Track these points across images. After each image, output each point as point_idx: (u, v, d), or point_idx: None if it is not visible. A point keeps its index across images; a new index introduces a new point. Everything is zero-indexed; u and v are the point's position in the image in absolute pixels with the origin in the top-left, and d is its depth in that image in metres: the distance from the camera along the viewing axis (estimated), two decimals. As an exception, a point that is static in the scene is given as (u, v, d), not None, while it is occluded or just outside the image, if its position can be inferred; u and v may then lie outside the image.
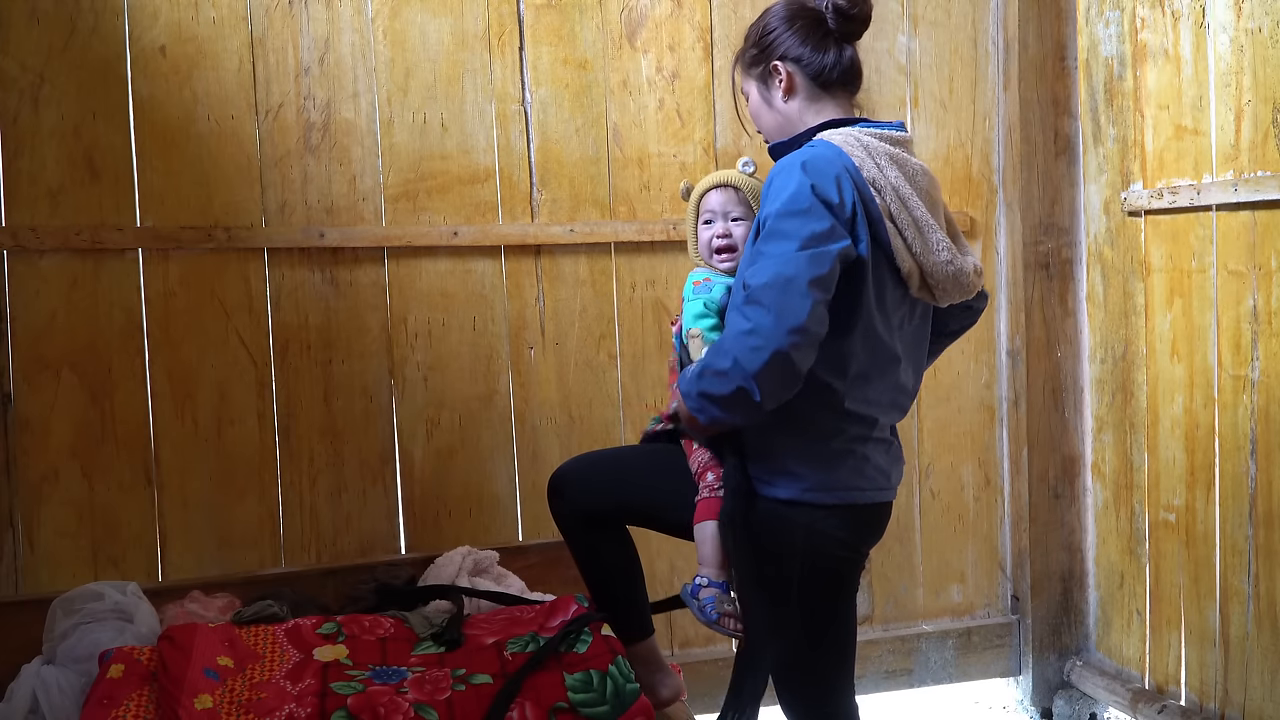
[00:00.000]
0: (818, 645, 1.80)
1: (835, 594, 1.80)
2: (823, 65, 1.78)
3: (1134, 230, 2.79)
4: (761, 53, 1.81)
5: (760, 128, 1.89)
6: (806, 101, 1.80)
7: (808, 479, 1.72)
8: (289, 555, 2.66)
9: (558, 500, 2.01)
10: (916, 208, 1.68)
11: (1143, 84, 2.73)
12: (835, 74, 1.79)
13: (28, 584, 2.49)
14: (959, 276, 1.71)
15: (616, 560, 2.02)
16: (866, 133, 1.71)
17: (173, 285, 2.58)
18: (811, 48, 1.78)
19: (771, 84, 1.81)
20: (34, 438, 2.50)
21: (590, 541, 2.02)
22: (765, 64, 1.81)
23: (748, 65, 1.85)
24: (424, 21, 2.71)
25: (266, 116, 2.62)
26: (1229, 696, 2.50)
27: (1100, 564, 2.99)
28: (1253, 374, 2.41)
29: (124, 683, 1.81)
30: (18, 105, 2.47)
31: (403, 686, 1.85)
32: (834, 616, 1.81)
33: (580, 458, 2.08)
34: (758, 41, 1.82)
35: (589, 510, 1.99)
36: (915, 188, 1.70)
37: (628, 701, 1.83)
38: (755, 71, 1.83)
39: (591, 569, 2.05)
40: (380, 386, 2.72)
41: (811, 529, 1.72)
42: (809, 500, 1.72)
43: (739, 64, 1.88)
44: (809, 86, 1.79)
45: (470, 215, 2.75)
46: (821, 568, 1.75)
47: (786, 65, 1.78)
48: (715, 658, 2.92)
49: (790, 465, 1.72)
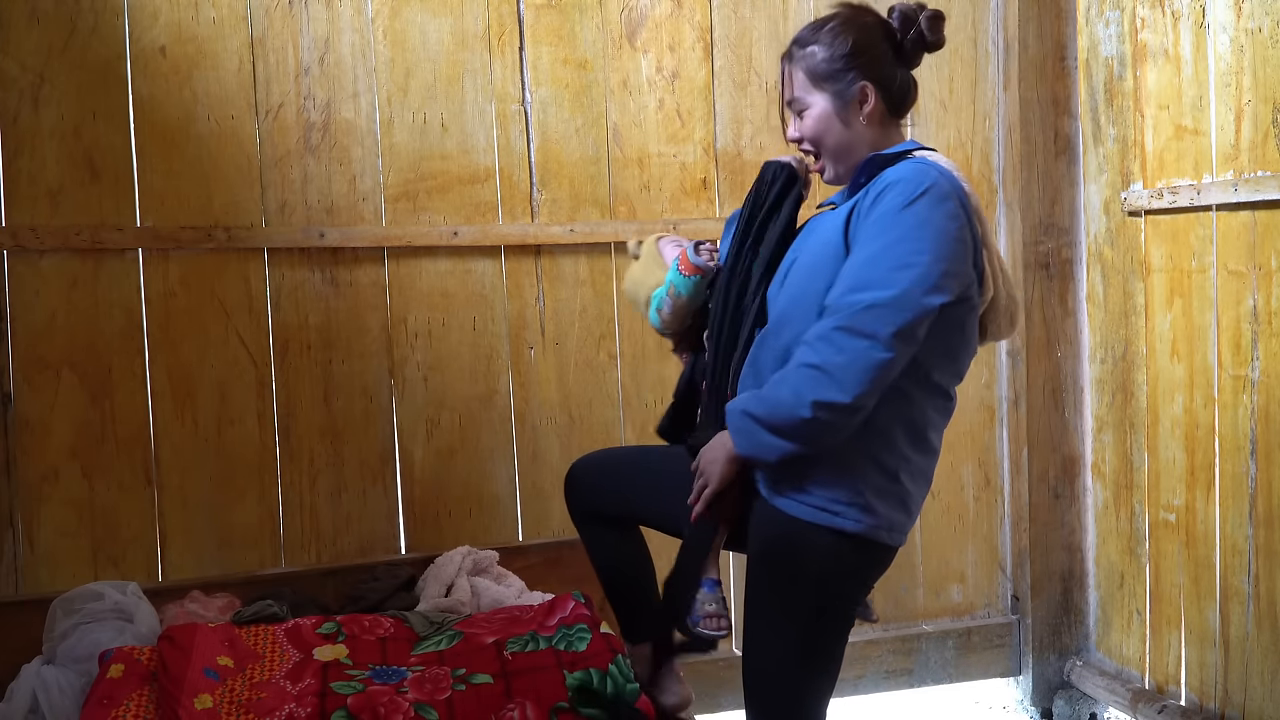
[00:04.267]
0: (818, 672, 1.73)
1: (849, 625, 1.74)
2: (903, 92, 1.73)
3: (1134, 230, 2.79)
4: (850, 70, 1.68)
5: (821, 142, 1.73)
6: (882, 127, 1.72)
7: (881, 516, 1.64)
8: (289, 555, 2.66)
9: (571, 495, 2.01)
10: (995, 242, 1.66)
11: (1143, 84, 2.73)
12: (908, 101, 1.74)
13: (28, 584, 2.49)
14: (1016, 315, 1.72)
15: (626, 559, 2.01)
16: (938, 159, 1.66)
17: (173, 285, 2.58)
18: (895, 72, 1.71)
19: (852, 104, 1.69)
20: (34, 438, 2.50)
21: (600, 538, 2.01)
22: (851, 83, 1.68)
23: (824, 77, 1.70)
24: (424, 21, 2.71)
25: (266, 116, 2.62)
26: (1229, 696, 2.50)
27: (1100, 564, 2.99)
28: (1253, 374, 2.41)
29: (124, 683, 1.81)
30: (18, 105, 2.47)
31: (403, 686, 1.85)
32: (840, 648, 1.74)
33: (596, 454, 2.07)
34: (846, 56, 1.68)
35: (599, 508, 1.98)
36: (981, 220, 1.65)
37: (628, 702, 1.83)
38: (833, 86, 1.70)
39: (601, 566, 2.04)
40: (380, 386, 2.72)
41: (862, 566, 1.67)
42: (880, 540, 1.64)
43: (804, 73, 1.72)
44: (886, 112, 1.72)
45: (470, 215, 2.75)
46: (853, 598, 1.71)
47: (876, 88, 1.69)
48: (715, 658, 2.92)
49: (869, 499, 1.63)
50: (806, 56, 1.71)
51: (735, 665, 2.89)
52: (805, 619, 1.67)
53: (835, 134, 1.71)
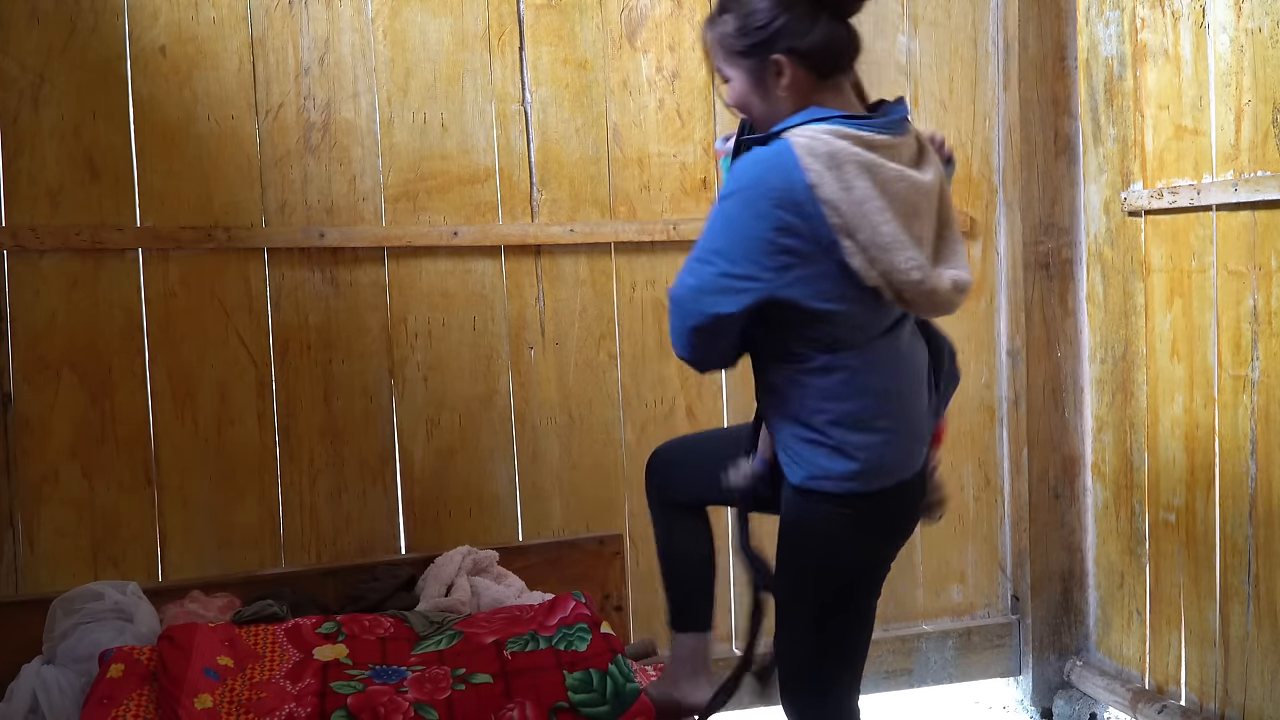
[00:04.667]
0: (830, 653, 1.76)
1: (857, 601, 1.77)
2: (827, 53, 1.61)
3: (1134, 230, 2.79)
4: (757, 45, 1.61)
5: (747, 112, 1.69)
6: (806, 93, 1.62)
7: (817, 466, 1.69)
8: (289, 555, 2.66)
9: (653, 478, 2.01)
10: (884, 223, 1.54)
11: (1143, 84, 2.73)
12: (841, 60, 1.63)
13: (28, 584, 2.49)
14: (932, 295, 1.59)
15: (696, 545, 1.97)
16: (843, 134, 1.55)
17: (173, 285, 2.58)
18: (814, 34, 1.59)
19: (768, 77, 1.62)
20: (34, 438, 2.50)
21: (669, 524, 1.98)
22: (764, 56, 1.61)
23: (736, 54, 1.64)
24: (424, 21, 2.71)
25: (266, 116, 2.62)
26: (1229, 696, 2.50)
27: (1100, 564, 2.99)
28: (1253, 374, 2.41)
29: (124, 683, 1.81)
30: (18, 105, 2.47)
31: (402, 686, 1.85)
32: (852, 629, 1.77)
33: (675, 441, 2.06)
34: (752, 30, 1.61)
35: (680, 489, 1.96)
36: (890, 198, 1.55)
37: (627, 701, 1.83)
38: (746, 61, 1.63)
39: (669, 550, 1.99)
40: (380, 386, 2.72)
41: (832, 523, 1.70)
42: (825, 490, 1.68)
43: (719, 46, 1.67)
44: (810, 78, 1.62)
45: (470, 215, 2.75)
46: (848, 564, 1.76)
47: (790, 59, 1.60)
48: (715, 658, 2.92)
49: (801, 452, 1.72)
50: (720, 28, 1.66)
51: (735, 665, 2.91)
52: (809, 593, 1.71)
53: (756, 106, 1.66)
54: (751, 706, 2.95)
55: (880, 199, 1.54)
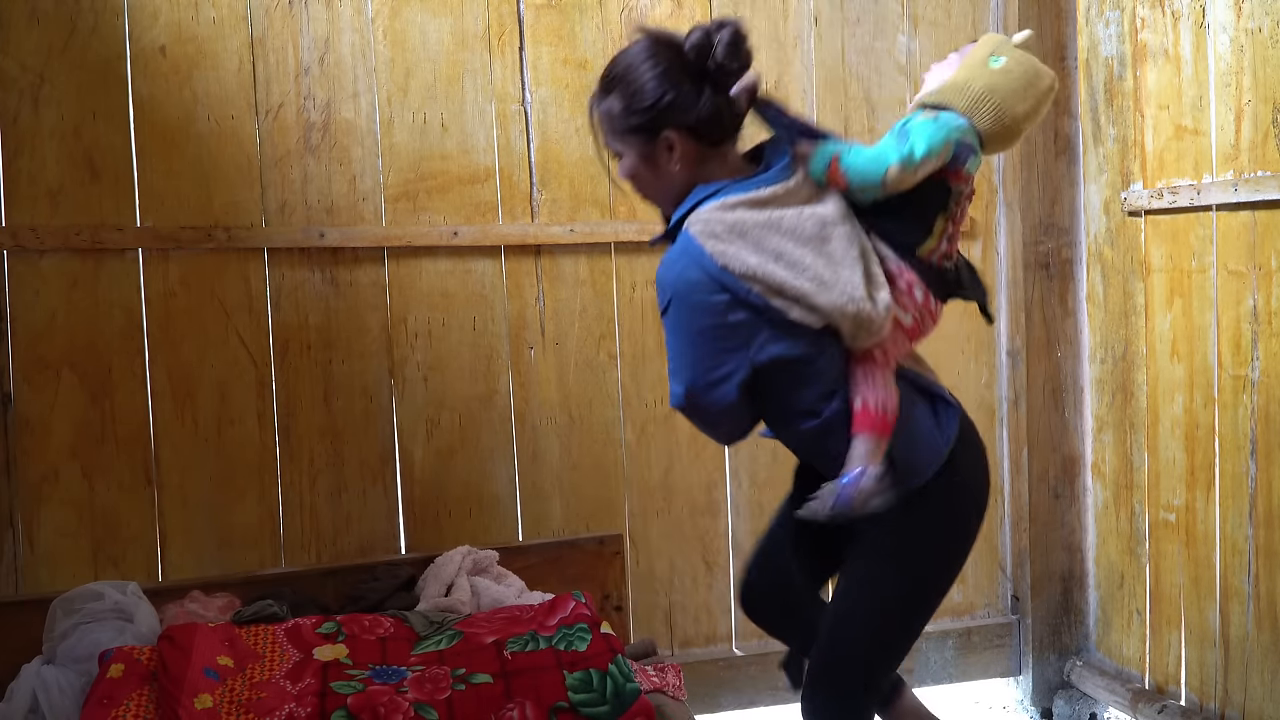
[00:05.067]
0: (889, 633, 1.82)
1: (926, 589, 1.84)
2: (714, 125, 1.63)
3: (1134, 230, 2.79)
4: (647, 123, 1.61)
5: (639, 188, 1.70)
6: (695, 163, 1.64)
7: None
8: (289, 555, 2.66)
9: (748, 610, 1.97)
10: (804, 270, 1.56)
11: (1143, 84, 2.73)
12: (728, 129, 1.66)
13: (28, 584, 2.49)
14: (869, 324, 1.60)
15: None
16: (735, 203, 1.58)
17: (173, 285, 2.58)
18: (700, 108, 1.60)
19: (659, 153, 1.63)
20: (34, 438, 2.50)
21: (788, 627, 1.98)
22: (651, 134, 1.61)
23: (625, 131, 1.63)
24: (424, 21, 2.71)
25: (266, 116, 2.62)
26: (1229, 696, 2.50)
27: (1100, 564, 2.99)
28: (1253, 374, 2.41)
29: (124, 683, 1.81)
30: (18, 105, 2.47)
31: (402, 686, 1.85)
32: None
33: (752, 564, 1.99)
34: (640, 110, 1.60)
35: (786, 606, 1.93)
36: (800, 240, 1.57)
37: (628, 701, 1.83)
38: (635, 139, 1.63)
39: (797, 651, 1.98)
40: (380, 386, 2.72)
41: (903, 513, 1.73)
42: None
43: (607, 123, 1.66)
44: (699, 149, 1.63)
45: (470, 215, 2.75)
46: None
47: (679, 134, 1.61)
48: (715, 658, 2.92)
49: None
50: (608, 105, 1.65)
51: (735, 665, 2.92)
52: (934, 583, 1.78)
53: (648, 180, 1.68)
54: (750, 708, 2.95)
55: (794, 248, 1.56)
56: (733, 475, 2.95)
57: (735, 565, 2.97)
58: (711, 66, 1.61)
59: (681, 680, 2.10)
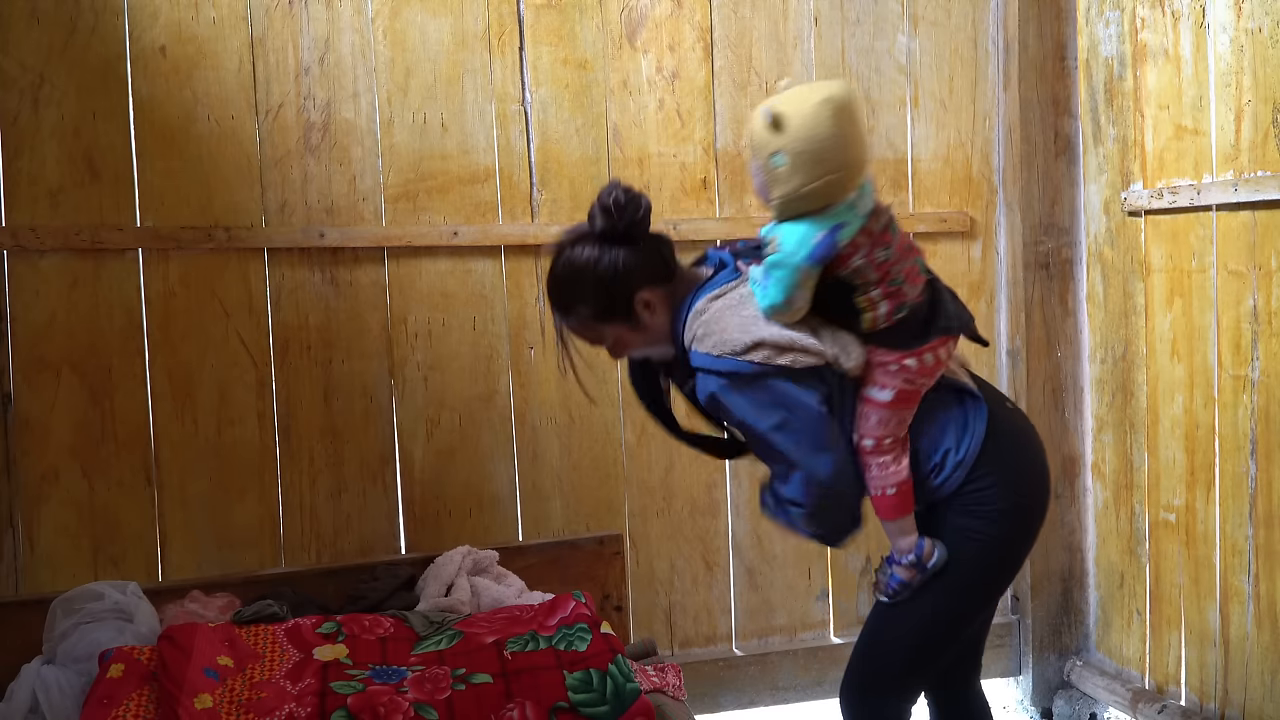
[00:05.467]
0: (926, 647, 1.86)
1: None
2: (662, 264, 1.77)
3: (1134, 230, 2.79)
4: (615, 300, 1.74)
5: (642, 354, 1.85)
6: (668, 299, 1.77)
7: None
8: (289, 555, 2.66)
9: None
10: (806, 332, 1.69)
11: (1143, 84, 2.73)
12: (672, 260, 1.79)
13: (28, 584, 2.49)
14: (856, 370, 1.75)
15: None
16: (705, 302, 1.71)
17: (173, 285, 2.58)
18: (643, 259, 1.74)
19: (642, 316, 1.76)
20: (34, 438, 2.50)
21: None
22: (623, 309, 1.75)
23: (602, 318, 1.77)
24: (424, 21, 2.71)
25: (266, 116, 2.62)
26: (1229, 696, 2.50)
27: (1100, 564, 2.99)
28: (1253, 374, 2.41)
29: (124, 683, 1.81)
30: (18, 105, 2.48)
31: (402, 686, 1.85)
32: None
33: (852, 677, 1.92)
34: (607, 301, 1.74)
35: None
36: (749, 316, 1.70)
37: (628, 701, 1.83)
38: (618, 319, 1.77)
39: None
40: (380, 386, 2.72)
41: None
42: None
43: (585, 328, 1.80)
44: (664, 288, 1.77)
45: (470, 215, 2.75)
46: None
47: (646, 289, 1.74)
48: (715, 658, 2.92)
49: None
50: (577, 321, 1.79)
51: (735, 665, 2.92)
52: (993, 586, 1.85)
53: (643, 342, 1.80)
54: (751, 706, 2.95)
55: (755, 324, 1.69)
56: (733, 475, 2.95)
57: (735, 565, 2.97)
58: (624, 226, 1.72)
59: (681, 680, 2.10)
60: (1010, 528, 1.78)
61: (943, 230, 3.04)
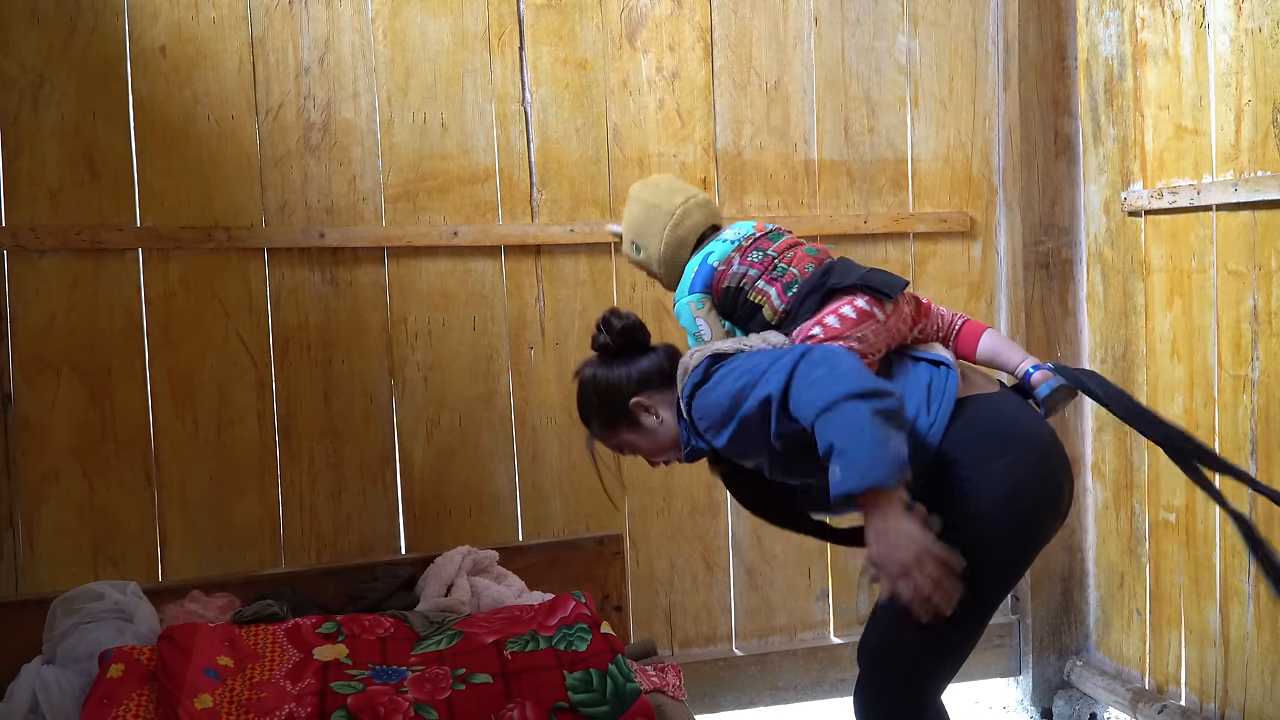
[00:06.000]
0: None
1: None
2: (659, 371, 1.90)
3: (1134, 230, 2.79)
4: (614, 409, 1.90)
5: (659, 455, 1.95)
6: (670, 405, 1.89)
7: None
8: (289, 555, 2.66)
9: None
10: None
11: (1143, 84, 2.73)
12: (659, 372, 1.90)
13: (28, 584, 2.49)
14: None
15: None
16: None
17: (173, 285, 2.58)
18: (640, 370, 1.90)
19: (643, 419, 1.89)
20: (34, 438, 2.50)
21: None
22: (623, 410, 1.89)
23: (611, 428, 1.93)
24: (424, 21, 2.71)
25: (266, 116, 2.62)
26: (1229, 696, 2.50)
27: (1100, 564, 2.99)
28: (1253, 374, 2.41)
29: (124, 682, 1.81)
30: (18, 105, 2.47)
31: (402, 686, 1.85)
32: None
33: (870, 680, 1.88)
34: (606, 406, 1.91)
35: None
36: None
37: (628, 701, 1.83)
38: (623, 426, 1.91)
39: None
40: (380, 386, 2.72)
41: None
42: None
43: (598, 437, 1.97)
44: (664, 392, 1.89)
45: (470, 215, 2.75)
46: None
47: (641, 396, 1.88)
48: (715, 658, 2.92)
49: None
50: (595, 434, 1.98)
51: (735, 665, 2.92)
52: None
53: (645, 445, 1.93)
54: (751, 707, 2.95)
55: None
56: (733, 475, 2.95)
57: (735, 565, 2.97)
58: (616, 341, 1.92)
59: (681, 680, 2.10)
60: (999, 525, 1.72)
61: (943, 230, 3.04)
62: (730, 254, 1.89)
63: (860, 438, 1.50)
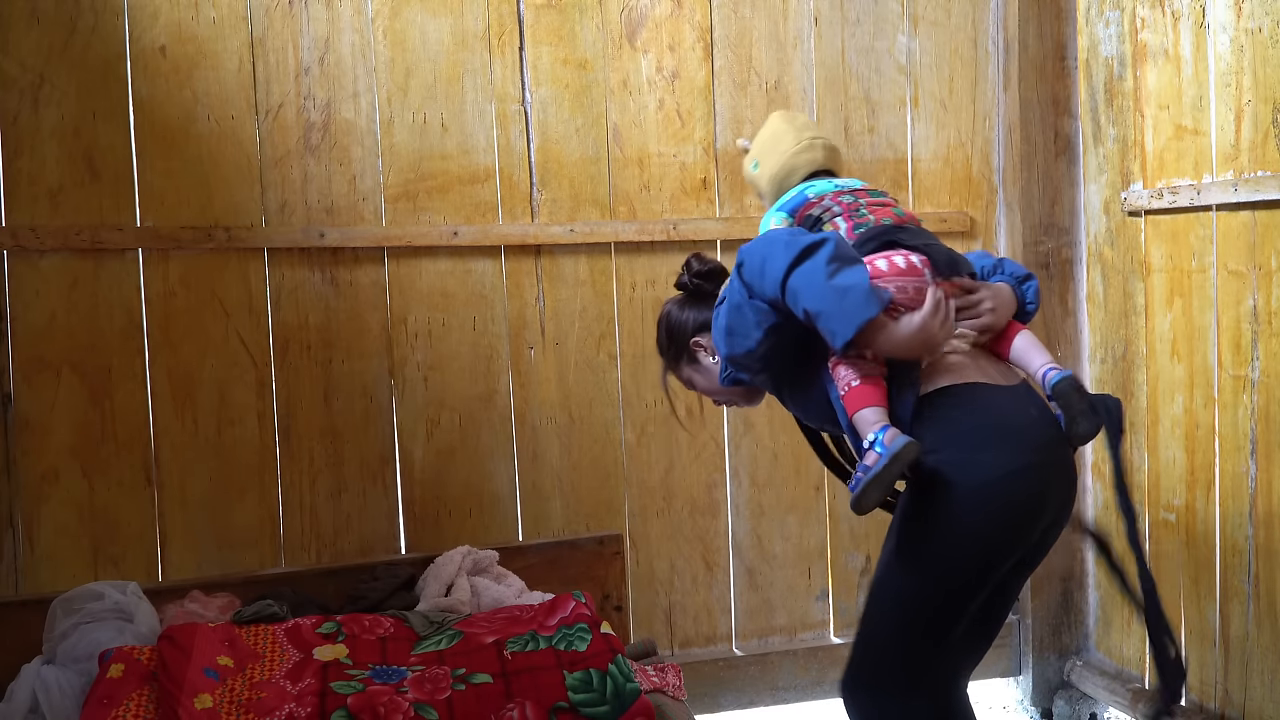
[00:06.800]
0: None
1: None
2: (701, 326, 2.02)
3: (1134, 230, 2.79)
4: (678, 346, 2.05)
5: (718, 395, 2.08)
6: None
7: None
8: (289, 555, 2.66)
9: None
10: None
11: (1143, 84, 2.73)
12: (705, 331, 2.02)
13: (28, 584, 2.49)
14: None
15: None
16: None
17: (173, 285, 2.58)
18: (702, 314, 2.01)
19: (701, 357, 2.03)
20: (34, 438, 2.50)
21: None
22: (685, 349, 2.04)
23: (676, 361, 2.08)
24: (424, 21, 2.71)
25: (266, 116, 2.62)
26: (1229, 696, 2.50)
27: (1100, 564, 2.98)
28: (1253, 374, 2.41)
29: (124, 683, 1.81)
30: (18, 105, 2.48)
31: (402, 686, 1.85)
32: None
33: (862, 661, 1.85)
34: (671, 343, 2.06)
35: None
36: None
37: (628, 701, 1.83)
38: (685, 362, 2.06)
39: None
40: (380, 386, 2.72)
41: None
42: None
43: (668, 369, 2.12)
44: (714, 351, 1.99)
45: (470, 215, 2.75)
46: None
47: (702, 337, 2.01)
48: (715, 658, 2.92)
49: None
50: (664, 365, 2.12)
51: (735, 665, 2.92)
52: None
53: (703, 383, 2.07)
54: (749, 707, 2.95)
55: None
56: (733, 475, 2.95)
57: (735, 565, 2.97)
58: (692, 283, 2.05)
59: (681, 680, 2.10)
60: (966, 513, 1.70)
61: (943, 230, 3.04)
62: (828, 192, 1.99)
63: (826, 293, 1.64)
